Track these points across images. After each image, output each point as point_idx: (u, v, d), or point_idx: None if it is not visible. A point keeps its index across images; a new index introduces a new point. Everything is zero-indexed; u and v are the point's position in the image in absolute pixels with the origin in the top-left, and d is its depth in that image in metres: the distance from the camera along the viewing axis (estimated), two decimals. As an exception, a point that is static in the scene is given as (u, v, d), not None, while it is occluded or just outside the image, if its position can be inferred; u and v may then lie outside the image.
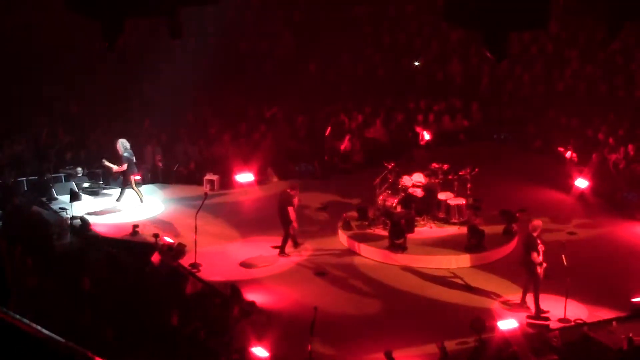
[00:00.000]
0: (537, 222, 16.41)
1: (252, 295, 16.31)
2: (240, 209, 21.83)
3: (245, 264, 18.43)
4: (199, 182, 23.19)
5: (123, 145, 21.41)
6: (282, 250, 18.91)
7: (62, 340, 2.41)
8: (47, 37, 27.70)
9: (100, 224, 20.24)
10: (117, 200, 21.69)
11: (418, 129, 26.02)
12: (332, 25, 30.84)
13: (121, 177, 21.69)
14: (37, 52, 26.87)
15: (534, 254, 15.93)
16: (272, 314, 15.94)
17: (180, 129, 25.18)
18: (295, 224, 18.81)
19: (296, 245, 19.17)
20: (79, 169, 22.14)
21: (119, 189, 21.75)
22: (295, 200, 18.85)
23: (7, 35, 27.12)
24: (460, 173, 20.54)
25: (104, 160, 21.65)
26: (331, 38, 30.29)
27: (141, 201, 21.52)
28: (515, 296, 16.64)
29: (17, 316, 2.54)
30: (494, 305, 16.52)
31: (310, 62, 29.48)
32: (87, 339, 12.65)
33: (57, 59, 26.90)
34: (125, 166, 21.23)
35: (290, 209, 18.65)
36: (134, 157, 21.54)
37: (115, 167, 21.45)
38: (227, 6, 27.97)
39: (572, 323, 15.61)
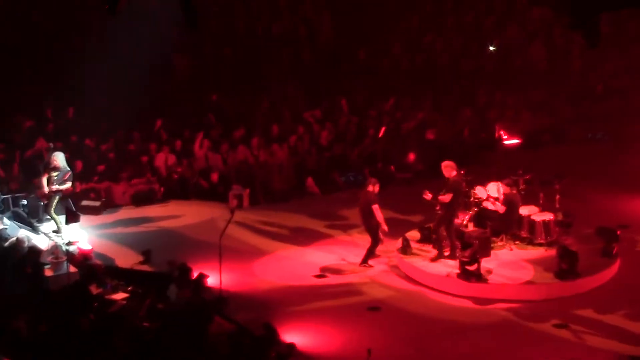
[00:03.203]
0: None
1: (290, 336, 16.19)
2: (274, 230, 21.85)
3: (280, 293, 18.37)
4: (224, 197, 23.19)
5: (62, 159, 20.66)
6: (365, 259, 19.43)
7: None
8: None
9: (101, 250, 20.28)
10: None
11: (496, 129, 25.90)
12: (382, 5, 30.79)
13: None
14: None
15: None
16: (316, 359, 15.82)
17: (198, 133, 25.17)
18: (384, 226, 19.11)
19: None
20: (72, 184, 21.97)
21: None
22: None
23: None
24: (546, 182, 20.39)
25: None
26: (381, 21, 30.25)
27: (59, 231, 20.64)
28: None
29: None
30: (587, 344, 16.21)
31: (357, 50, 29.44)
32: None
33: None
34: (69, 184, 20.60)
35: (375, 207, 18.96)
36: None
37: (63, 187, 20.83)
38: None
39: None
